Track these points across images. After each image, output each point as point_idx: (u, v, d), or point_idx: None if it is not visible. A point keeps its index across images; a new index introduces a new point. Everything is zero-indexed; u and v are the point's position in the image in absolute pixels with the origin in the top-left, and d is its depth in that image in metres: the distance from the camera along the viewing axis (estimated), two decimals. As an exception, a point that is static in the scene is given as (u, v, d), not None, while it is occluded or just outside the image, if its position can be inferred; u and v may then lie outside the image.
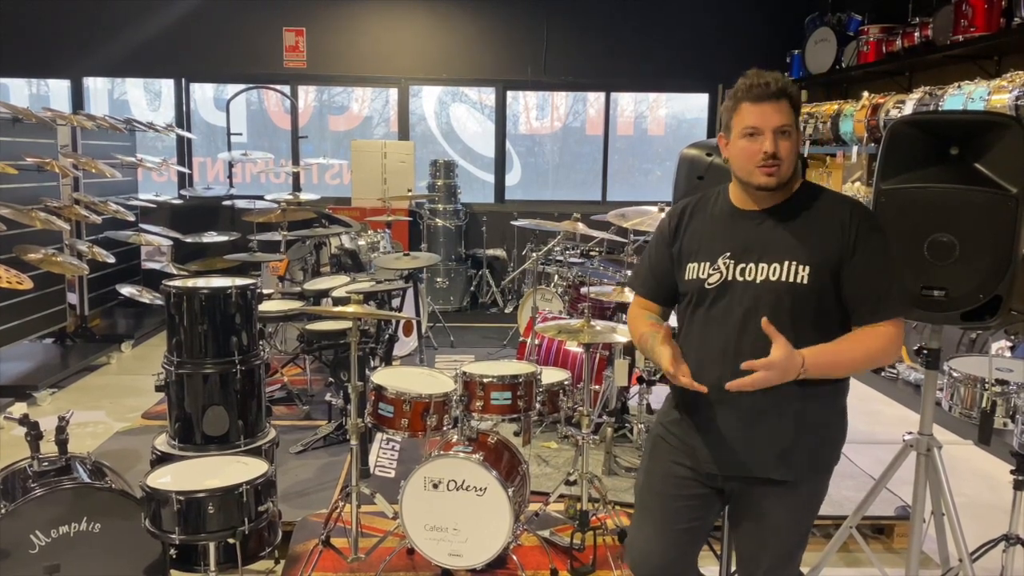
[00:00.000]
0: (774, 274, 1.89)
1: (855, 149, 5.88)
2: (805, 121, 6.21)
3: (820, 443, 2.00)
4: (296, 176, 8.06)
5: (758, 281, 1.91)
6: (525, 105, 8.64)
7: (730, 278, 1.94)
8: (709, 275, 1.97)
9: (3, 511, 2.52)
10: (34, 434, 2.74)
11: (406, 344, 5.71)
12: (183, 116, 8.09)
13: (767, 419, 1.93)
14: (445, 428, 3.00)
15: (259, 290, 3.34)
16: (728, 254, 1.96)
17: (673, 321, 2.16)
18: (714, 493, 2.06)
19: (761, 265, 1.91)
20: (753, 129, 1.88)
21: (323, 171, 8.44)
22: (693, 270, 2.01)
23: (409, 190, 7.06)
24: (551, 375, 3.29)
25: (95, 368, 5.85)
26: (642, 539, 2.13)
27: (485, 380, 2.97)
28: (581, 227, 5.07)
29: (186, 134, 7.90)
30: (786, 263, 1.89)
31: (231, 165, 7.75)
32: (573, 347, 4.28)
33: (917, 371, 5.28)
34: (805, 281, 1.88)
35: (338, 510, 3.13)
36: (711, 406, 1.97)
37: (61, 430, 2.76)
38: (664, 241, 2.12)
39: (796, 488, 1.99)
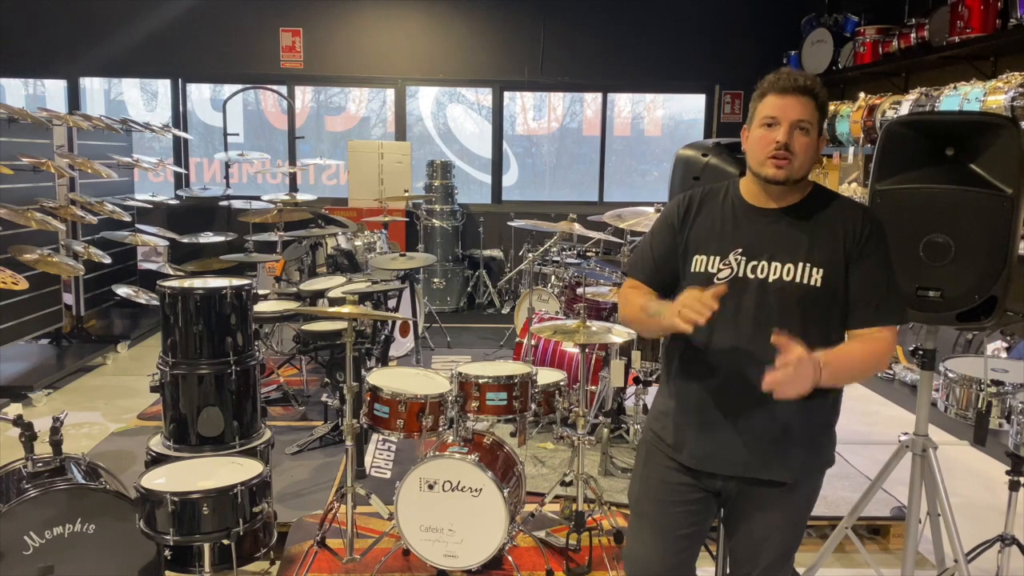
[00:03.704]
0: (788, 274, 1.88)
1: (851, 150, 5.89)
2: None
3: (819, 444, 1.99)
4: (293, 176, 8.04)
5: (771, 280, 1.89)
6: (522, 106, 8.64)
7: (741, 275, 1.92)
8: (719, 270, 1.94)
9: (-3, 512, 2.52)
10: (28, 435, 2.73)
11: (402, 345, 5.71)
12: (179, 116, 8.08)
13: (770, 419, 1.92)
14: (441, 429, 2.99)
15: (255, 290, 3.33)
16: (740, 250, 1.93)
17: None
18: (710, 496, 2.05)
19: (774, 264, 1.89)
20: (771, 119, 1.86)
21: (320, 171, 8.43)
22: (701, 263, 1.97)
23: (406, 191, 7.05)
24: (547, 376, 3.30)
25: (91, 369, 5.84)
26: (641, 547, 2.09)
27: (481, 381, 2.97)
28: (578, 228, 5.07)
29: (182, 134, 7.89)
30: (800, 264, 1.88)
31: (228, 165, 7.73)
32: (569, 348, 4.27)
33: (913, 372, 5.29)
34: (819, 284, 1.86)
35: (333, 511, 3.12)
36: (716, 406, 1.96)
37: (56, 431, 2.76)
38: (671, 228, 2.05)
39: (794, 489, 1.98)
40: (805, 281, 1.87)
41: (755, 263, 1.91)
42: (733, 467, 1.97)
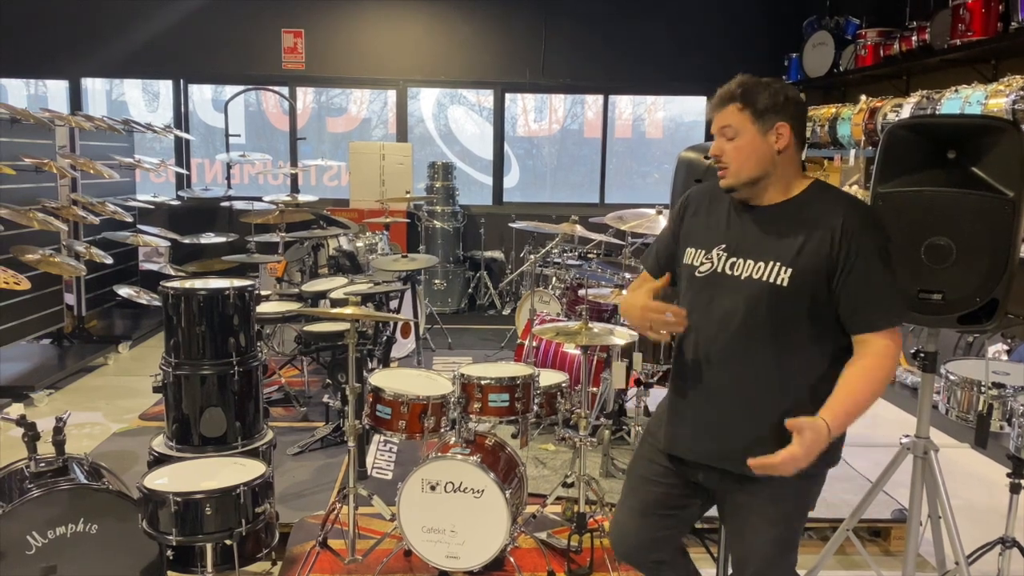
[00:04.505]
0: (757, 272, 1.91)
1: (852, 152, 5.90)
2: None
3: None
4: (294, 177, 8.05)
5: (743, 277, 1.93)
6: (523, 107, 8.65)
7: (719, 270, 1.97)
8: (701, 263, 2.01)
9: (0, 512, 2.52)
10: (31, 435, 2.74)
11: (404, 346, 5.71)
12: (181, 117, 8.09)
13: (743, 415, 1.94)
14: (443, 430, 2.99)
15: (257, 291, 3.34)
16: (723, 246, 1.99)
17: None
18: (690, 485, 2.09)
19: (748, 262, 1.93)
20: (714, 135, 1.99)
21: (321, 173, 8.44)
22: (690, 255, 2.05)
23: (407, 192, 7.06)
24: (549, 377, 3.30)
25: (92, 369, 5.84)
26: (622, 517, 2.20)
27: (483, 382, 2.98)
28: (579, 229, 5.08)
29: (184, 135, 7.90)
30: (770, 263, 1.89)
31: (229, 166, 7.74)
32: (571, 349, 4.28)
33: (914, 374, 5.29)
34: (785, 284, 1.87)
35: (335, 512, 3.13)
36: (689, 395, 2.02)
37: (58, 431, 2.76)
38: (672, 223, 2.18)
39: (778, 492, 1.94)
40: (772, 280, 1.89)
41: (734, 260, 1.95)
42: (701, 455, 2.01)
